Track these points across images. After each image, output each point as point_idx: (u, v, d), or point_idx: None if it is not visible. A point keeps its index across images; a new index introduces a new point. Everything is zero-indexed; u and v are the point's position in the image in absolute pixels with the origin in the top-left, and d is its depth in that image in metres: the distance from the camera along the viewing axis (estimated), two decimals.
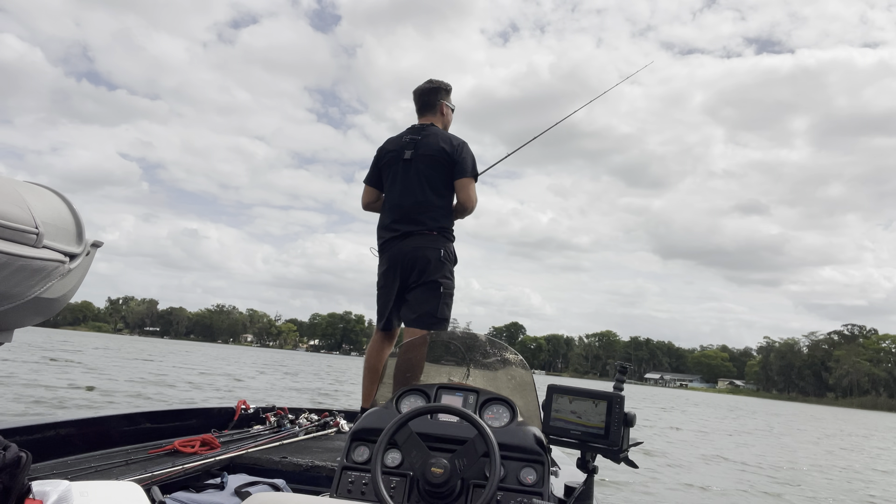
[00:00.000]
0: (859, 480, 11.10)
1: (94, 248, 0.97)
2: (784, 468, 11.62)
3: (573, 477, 1.94)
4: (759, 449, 15.02)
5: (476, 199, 3.55)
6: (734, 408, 44.73)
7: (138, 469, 2.13)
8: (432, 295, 3.36)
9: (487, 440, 1.58)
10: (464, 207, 3.53)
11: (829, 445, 18.74)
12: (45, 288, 0.86)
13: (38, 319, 0.94)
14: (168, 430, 2.78)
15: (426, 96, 3.70)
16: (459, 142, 3.53)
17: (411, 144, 3.51)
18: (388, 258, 3.48)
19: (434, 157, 3.45)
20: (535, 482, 1.68)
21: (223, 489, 2.11)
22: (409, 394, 2.00)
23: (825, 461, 13.73)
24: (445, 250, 3.43)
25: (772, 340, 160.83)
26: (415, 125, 3.67)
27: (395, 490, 1.66)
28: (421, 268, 3.37)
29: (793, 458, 13.81)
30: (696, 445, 14.26)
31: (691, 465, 10.75)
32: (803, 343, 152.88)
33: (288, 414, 3.38)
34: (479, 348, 2.26)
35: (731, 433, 19.58)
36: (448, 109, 3.75)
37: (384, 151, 3.64)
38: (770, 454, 13.99)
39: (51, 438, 2.22)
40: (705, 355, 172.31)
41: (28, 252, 0.79)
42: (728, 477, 9.78)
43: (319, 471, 2.43)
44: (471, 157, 3.53)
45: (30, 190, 0.86)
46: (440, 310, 3.38)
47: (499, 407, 1.94)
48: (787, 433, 22.83)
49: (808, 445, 17.93)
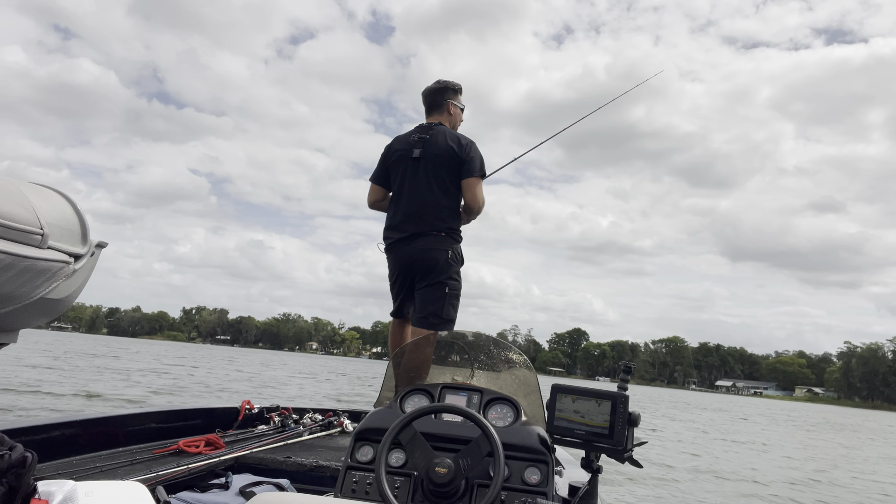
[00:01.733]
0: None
1: (99, 248, 0.97)
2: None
3: (577, 477, 1.94)
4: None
5: (483, 199, 3.53)
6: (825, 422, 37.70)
7: (143, 469, 2.13)
8: (438, 295, 3.36)
9: (491, 440, 1.59)
10: (471, 208, 3.51)
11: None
12: (51, 289, 0.86)
13: (44, 320, 0.95)
14: (172, 430, 2.79)
15: (434, 96, 3.69)
16: (468, 141, 3.51)
17: (420, 143, 3.49)
18: (396, 260, 3.49)
19: (442, 157, 3.43)
20: (540, 482, 1.69)
21: (228, 489, 2.12)
22: (413, 393, 2.01)
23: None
24: (453, 251, 3.42)
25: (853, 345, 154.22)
26: (423, 124, 3.65)
27: (400, 490, 1.66)
28: (428, 269, 3.37)
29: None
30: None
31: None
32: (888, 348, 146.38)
33: (292, 414, 3.39)
34: (484, 348, 2.26)
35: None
36: (457, 109, 3.72)
37: (392, 150, 3.62)
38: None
39: (56, 438, 2.23)
40: (781, 361, 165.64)
41: (33, 253, 0.79)
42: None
43: (324, 471, 2.43)
44: (479, 157, 3.51)
45: (34, 191, 0.86)
46: (445, 310, 3.37)
47: (503, 407, 1.93)
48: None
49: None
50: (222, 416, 3.19)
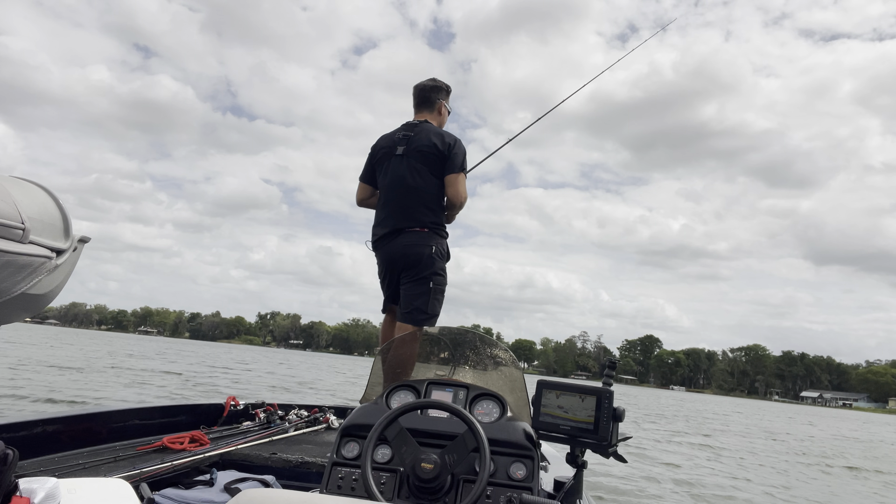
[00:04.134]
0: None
1: (82, 243, 0.96)
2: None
3: (563, 472, 1.95)
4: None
5: (465, 194, 3.54)
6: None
7: (127, 466, 2.12)
8: (422, 290, 3.37)
9: (477, 435, 1.60)
10: (453, 203, 3.52)
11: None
12: (32, 284, 0.86)
13: (26, 315, 0.94)
14: (157, 427, 2.78)
15: (427, 92, 3.69)
16: (452, 138, 3.52)
17: (404, 140, 3.51)
18: (381, 256, 3.50)
19: (425, 153, 3.44)
20: (525, 477, 1.70)
21: (212, 485, 2.11)
22: (399, 389, 2.01)
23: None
24: (437, 246, 3.42)
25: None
26: (409, 122, 3.66)
27: (385, 486, 1.67)
28: (412, 264, 3.38)
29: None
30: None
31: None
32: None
33: (278, 410, 3.40)
34: (470, 344, 2.27)
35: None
36: (445, 110, 3.75)
37: (377, 147, 3.63)
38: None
39: (38, 435, 2.21)
40: (872, 371, 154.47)
41: (14, 248, 0.79)
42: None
43: (309, 467, 2.43)
44: (462, 153, 3.52)
45: (16, 185, 0.85)
46: (430, 305, 3.38)
47: (489, 402, 1.94)
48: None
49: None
50: (207, 412, 3.18)
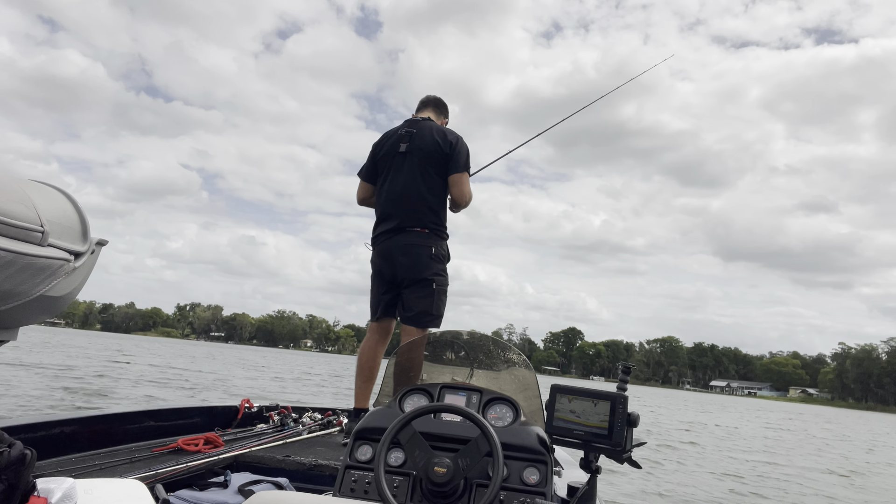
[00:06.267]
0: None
1: (100, 246, 0.97)
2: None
3: (576, 477, 1.94)
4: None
5: (470, 194, 3.54)
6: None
7: (142, 467, 2.14)
8: (426, 292, 3.36)
9: (490, 440, 1.58)
10: (458, 203, 3.53)
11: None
12: (51, 286, 0.87)
13: (44, 318, 0.95)
14: (172, 429, 2.80)
15: (437, 101, 3.80)
16: (455, 136, 3.52)
17: (406, 137, 3.49)
18: (380, 253, 3.47)
19: (428, 152, 3.43)
20: (538, 482, 1.68)
21: (227, 487, 2.12)
22: (412, 393, 2.01)
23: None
24: (437, 247, 3.41)
25: (847, 347, 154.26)
26: (410, 118, 3.66)
27: (398, 489, 1.66)
28: (413, 265, 3.36)
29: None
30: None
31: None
32: (882, 349, 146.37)
33: (291, 412, 3.40)
34: (483, 348, 2.26)
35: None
36: (445, 121, 3.83)
37: (380, 145, 3.63)
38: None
39: (55, 436, 2.24)
40: (775, 362, 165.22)
41: (33, 250, 0.79)
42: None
43: (323, 469, 2.43)
44: (465, 152, 3.52)
45: (35, 188, 0.86)
46: (435, 307, 3.38)
47: (502, 407, 1.93)
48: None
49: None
50: (222, 414, 3.20)
